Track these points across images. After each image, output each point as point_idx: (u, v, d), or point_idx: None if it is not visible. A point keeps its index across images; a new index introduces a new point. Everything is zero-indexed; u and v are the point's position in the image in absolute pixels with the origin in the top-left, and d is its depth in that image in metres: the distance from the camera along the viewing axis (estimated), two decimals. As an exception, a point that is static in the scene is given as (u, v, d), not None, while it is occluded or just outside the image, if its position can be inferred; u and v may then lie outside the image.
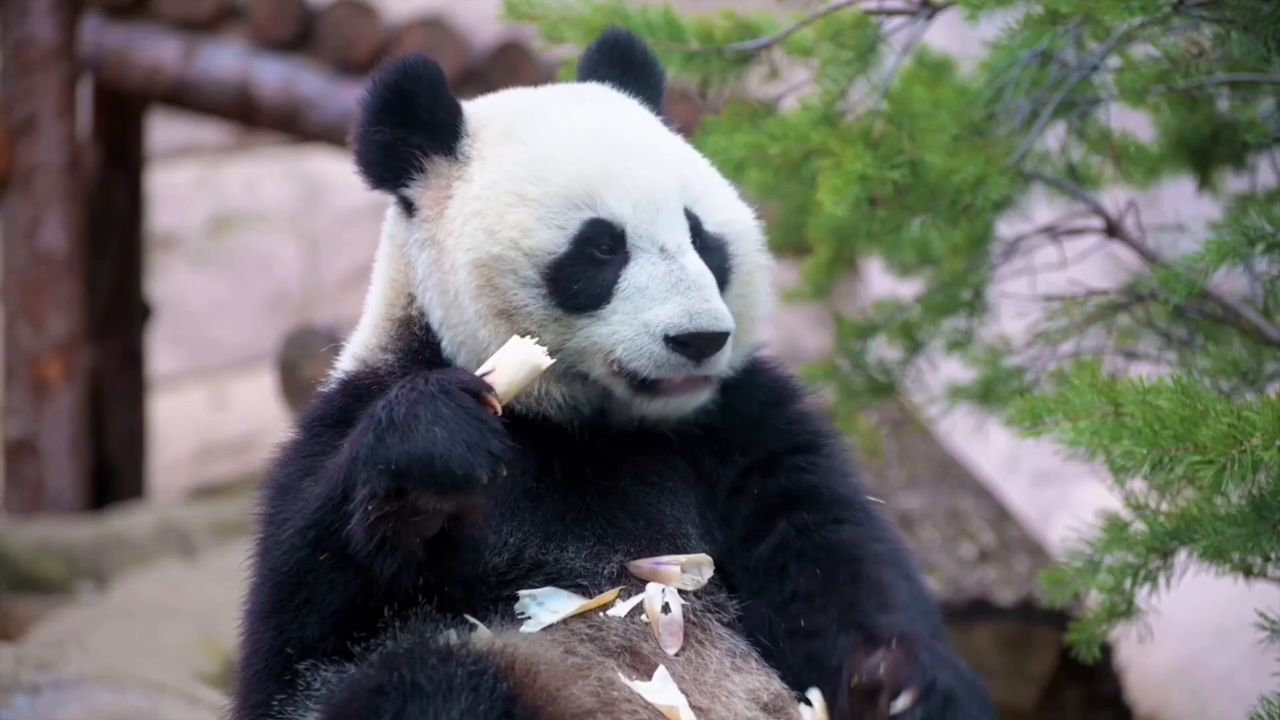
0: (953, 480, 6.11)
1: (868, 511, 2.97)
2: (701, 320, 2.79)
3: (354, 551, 2.65)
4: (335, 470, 2.69)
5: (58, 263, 9.47)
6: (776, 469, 2.96)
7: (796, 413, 3.04)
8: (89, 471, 9.56)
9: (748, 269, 2.98)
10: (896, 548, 2.93)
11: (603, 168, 2.89)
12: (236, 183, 14.74)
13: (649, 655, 2.78)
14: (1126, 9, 3.38)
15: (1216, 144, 4.11)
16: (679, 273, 2.83)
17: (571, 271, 2.85)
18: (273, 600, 2.77)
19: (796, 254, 4.74)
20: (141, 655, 5.26)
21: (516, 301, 2.86)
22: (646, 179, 2.89)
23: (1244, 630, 3.52)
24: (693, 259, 2.86)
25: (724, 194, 3.01)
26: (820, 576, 2.84)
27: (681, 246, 2.87)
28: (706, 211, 2.95)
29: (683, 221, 2.89)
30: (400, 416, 2.60)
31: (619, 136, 2.93)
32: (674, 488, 2.93)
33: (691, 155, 3.03)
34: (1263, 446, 2.98)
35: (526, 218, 2.87)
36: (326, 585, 2.71)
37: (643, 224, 2.87)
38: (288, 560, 2.74)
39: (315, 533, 2.70)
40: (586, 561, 2.84)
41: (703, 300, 2.81)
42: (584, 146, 2.91)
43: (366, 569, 2.66)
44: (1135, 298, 4.02)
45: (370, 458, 2.61)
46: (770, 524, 2.91)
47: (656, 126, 3.04)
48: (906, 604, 2.79)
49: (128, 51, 9.58)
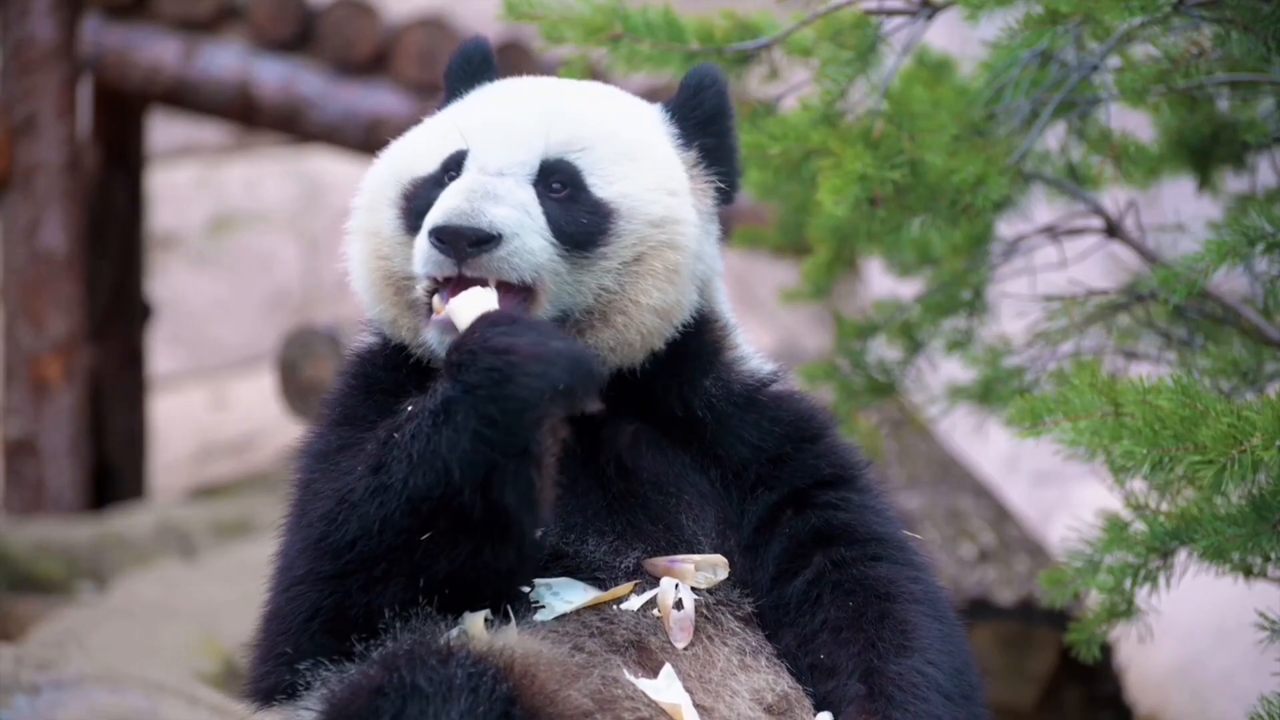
0: (953, 480, 6.12)
1: (905, 548, 2.97)
2: (452, 215, 2.80)
3: (507, 511, 2.66)
4: (442, 457, 2.66)
5: (58, 263, 9.47)
6: (810, 504, 2.95)
7: (827, 446, 3.02)
8: (89, 471, 9.55)
9: (634, 246, 2.91)
10: (931, 586, 2.93)
11: (491, 110, 2.99)
12: (236, 183, 14.76)
13: (656, 650, 2.79)
14: (1126, 9, 3.38)
15: (1216, 144, 4.11)
16: (465, 181, 2.87)
17: (423, 191, 2.93)
18: (332, 569, 2.73)
19: (796, 254, 4.75)
20: (141, 655, 5.25)
21: (379, 221, 2.96)
22: (513, 120, 2.94)
23: (1244, 630, 3.52)
24: (503, 181, 2.87)
25: (635, 173, 2.95)
26: (851, 609, 2.86)
27: (502, 171, 2.89)
28: (598, 176, 2.93)
29: (525, 157, 2.90)
30: (517, 358, 2.65)
31: (524, 96, 3.01)
32: (691, 501, 2.94)
33: (625, 132, 2.98)
34: (1263, 446, 2.98)
35: (416, 144, 3.00)
36: (425, 555, 2.69)
37: (479, 150, 2.91)
38: (361, 539, 2.70)
39: (411, 519, 2.68)
40: (605, 556, 2.86)
41: (464, 200, 2.82)
42: (490, 99, 3.02)
43: (498, 529, 2.68)
44: (1135, 298, 4.02)
45: (528, 404, 2.64)
46: (805, 559, 2.92)
47: (602, 99, 3.04)
48: (927, 646, 2.82)
49: (128, 51, 9.58)
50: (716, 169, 3.06)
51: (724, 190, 3.07)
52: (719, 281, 3.10)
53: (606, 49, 3.72)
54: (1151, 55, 3.62)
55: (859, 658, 2.81)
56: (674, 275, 2.92)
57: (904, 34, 3.75)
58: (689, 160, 3.04)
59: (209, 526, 8.59)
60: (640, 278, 2.91)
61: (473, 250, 2.80)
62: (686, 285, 2.95)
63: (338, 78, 9.44)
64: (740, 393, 3.02)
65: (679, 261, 2.93)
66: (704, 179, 3.05)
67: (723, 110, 3.07)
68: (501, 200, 2.84)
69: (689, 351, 2.99)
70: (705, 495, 2.95)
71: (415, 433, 2.69)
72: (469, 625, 2.76)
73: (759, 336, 7.28)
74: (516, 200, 2.85)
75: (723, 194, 3.07)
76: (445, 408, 2.68)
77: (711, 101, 3.06)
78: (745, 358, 3.09)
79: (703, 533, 2.92)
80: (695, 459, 2.97)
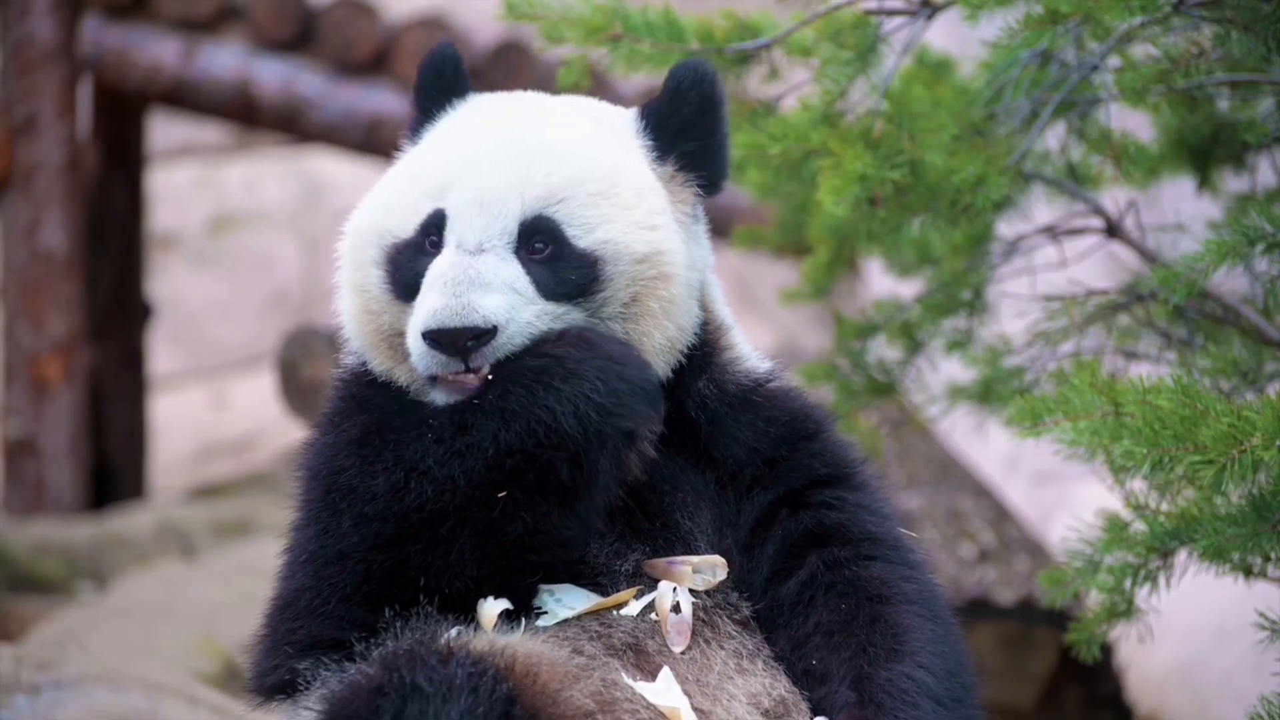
0: (953, 480, 6.11)
1: (900, 547, 2.96)
2: (442, 316, 2.78)
3: (596, 478, 2.77)
4: (550, 409, 2.75)
5: (58, 262, 9.47)
6: (805, 504, 2.95)
7: (823, 444, 3.01)
8: (89, 471, 9.56)
9: (627, 288, 2.89)
10: (926, 585, 2.92)
11: (462, 164, 2.92)
12: (236, 183, 14.76)
13: (653, 654, 2.79)
14: (1126, 9, 3.38)
15: (1216, 144, 4.11)
16: (446, 269, 2.83)
17: (405, 257, 2.91)
18: (391, 532, 2.77)
19: (796, 254, 4.74)
20: (141, 655, 5.25)
21: (366, 280, 2.95)
22: (487, 179, 2.89)
23: (1244, 630, 3.52)
24: (484, 260, 2.84)
25: (614, 214, 2.92)
26: (844, 611, 2.85)
27: (483, 245, 2.85)
28: (578, 226, 2.90)
29: (504, 224, 2.87)
30: (619, 354, 2.81)
31: (496, 139, 2.94)
32: (687, 500, 2.93)
33: (597, 171, 2.93)
34: (1263, 446, 2.98)
35: (392, 198, 2.96)
36: (498, 516, 2.75)
37: (458, 220, 2.88)
38: (432, 499, 2.75)
39: (493, 473, 2.74)
40: (607, 559, 2.86)
41: (451, 296, 2.80)
42: (462, 143, 2.96)
43: (573, 496, 2.78)
44: (1135, 298, 4.02)
45: (636, 393, 2.79)
46: (800, 559, 2.91)
47: (570, 135, 2.98)
48: (919, 649, 2.81)
49: (128, 51, 9.58)
50: (701, 168, 3.02)
51: (710, 183, 3.03)
52: (711, 277, 3.08)
53: (606, 49, 3.72)
54: (1151, 55, 3.62)
55: (850, 663, 2.81)
56: (670, 306, 2.92)
57: (904, 34, 3.75)
58: (666, 174, 3.00)
59: (209, 526, 8.59)
60: (640, 319, 2.91)
61: (472, 344, 2.81)
62: (686, 305, 2.95)
63: (338, 78, 9.44)
64: (735, 393, 3.01)
65: (673, 293, 2.92)
66: (684, 183, 3.01)
67: (707, 109, 3.00)
68: (489, 287, 2.82)
69: (686, 350, 2.98)
70: (702, 495, 2.94)
71: (507, 392, 2.77)
72: (481, 614, 2.77)
73: (759, 336, 7.28)
74: (503, 280, 2.84)
75: (710, 186, 3.03)
76: (561, 366, 2.78)
77: (693, 105, 3.00)
78: (741, 357, 3.07)
79: (699, 530, 2.91)
80: (691, 461, 2.96)
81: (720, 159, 3.04)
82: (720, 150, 3.03)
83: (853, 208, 3.57)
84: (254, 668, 2.89)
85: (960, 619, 2.96)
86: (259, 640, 2.89)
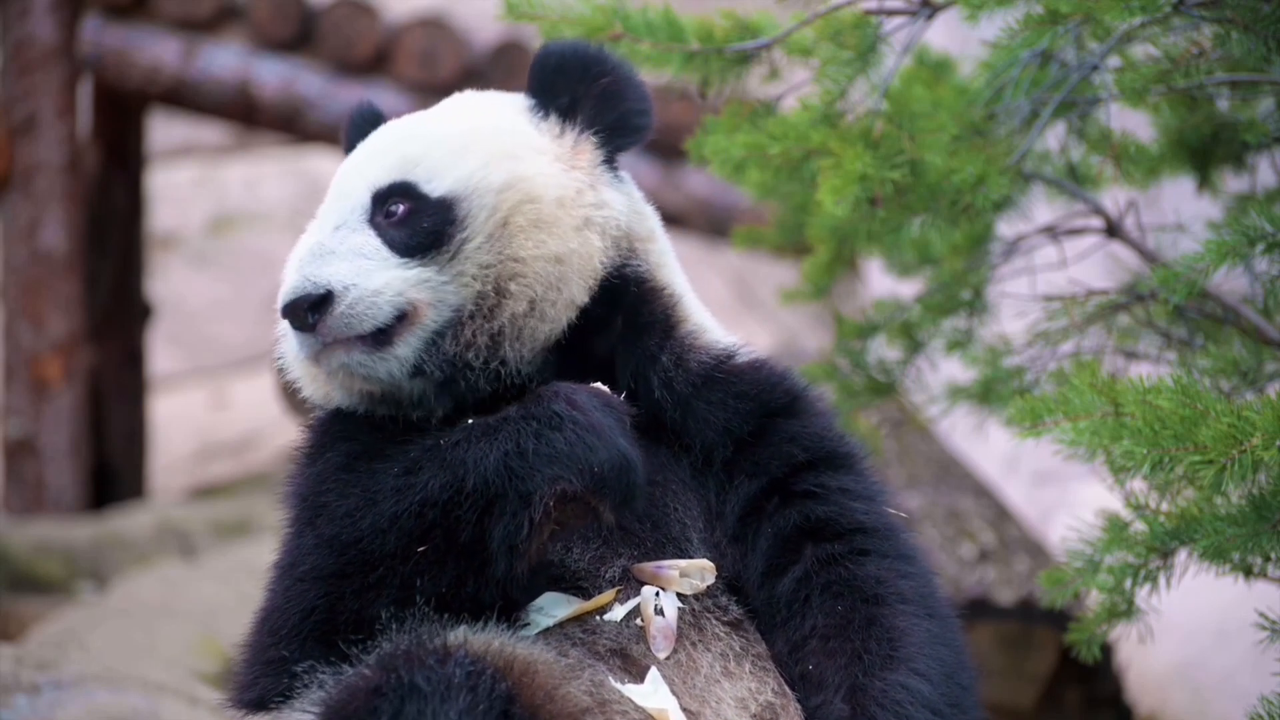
0: (953, 480, 6.11)
1: (892, 535, 2.93)
2: (283, 292, 2.87)
3: (488, 545, 2.68)
4: (467, 464, 2.69)
5: (58, 262, 9.48)
6: (790, 494, 2.92)
7: (800, 422, 2.98)
8: (89, 471, 9.56)
9: (490, 217, 2.91)
10: (922, 579, 2.91)
11: (338, 174, 3.04)
12: (236, 183, 14.76)
13: (638, 658, 2.78)
14: (1126, 9, 3.38)
15: (1216, 144, 4.11)
16: (299, 250, 2.93)
17: None
18: (334, 567, 2.74)
19: (796, 254, 4.74)
20: (141, 655, 5.26)
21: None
22: (347, 169, 3.00)
23: (1244, 630, 3.52)
24: (334, 235, 2.90)
25: (470, 157, 2.93)
26: (839, 614, 2.84)
27: (336, 225, 2.92)
28: (433, 178, 2.93)
29: (356, 199, 2.93)
30: (582, 420, 2.68)
31: (367, 143, 3.03)
32: (677, 491, 2.91)
33: (456, 129, 2.98)
34: (1263, 446, 2.98)
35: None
36: (414, 570, 2.70)
37: (321, 215, 2.99)
38: (369, 537, 2.71)
39: (416, 523, 2.69)
40: (590, 564, 2.84)
41: (295, 273, 2.88)
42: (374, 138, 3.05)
43: (479, 562, 2.69)
44: (1135, 298, 4.02)
45: (558, 458, 2.67)
46: (794, 554, 2.89)
47: (439, 113, 3.04)
48: (914, 654, 2.80)
49: (128, 51, 9.59)
50: (603, 119, 3.01)
51: (615, 132, 3.02)
52: (660, 246, 3.06)
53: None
54: (1151, 55, 3.62)
55: (845, 671, 2.79)
56: (544, 223, 2.90)
57: (904, 34, 3.75)
58: (552, 129, 2.99)
59: (209, 526, 8.60)
60: (511, 237, 2.89)
61: (315, 317, 2.82)
62: (575, 230, 2.92)
63: (338, 78, 9.45)
64: (698, 370, 2.97)
65: (541, 210, 2.90)
66: (581, 137, 3.00)
67: (577, 64, 3.02)
68: (331, 255, 2.88)
69: (639, 323, 2.96)
70: (688, 485, 2.92)
71: (459, 441, 2.73)
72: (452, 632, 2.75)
73: (759, 336, 7.25)
74: (348, 248, 2.88)
75: (616, 135, 3.02)
76: (498, 425, 2.72)
77: (554, 63, 3.02)
78: (701, 329, 3.04)
79: (692, 526, 2.89)
80: (670, 449, 2.94)
81: (612, 109, 3.02)
82: (617, 97, 3.02)
83: (853, 208, 3.57)
84: (236, 680, 2.88)
85: (960, 619, 2.95)
86: (243, 651, 2.87)
